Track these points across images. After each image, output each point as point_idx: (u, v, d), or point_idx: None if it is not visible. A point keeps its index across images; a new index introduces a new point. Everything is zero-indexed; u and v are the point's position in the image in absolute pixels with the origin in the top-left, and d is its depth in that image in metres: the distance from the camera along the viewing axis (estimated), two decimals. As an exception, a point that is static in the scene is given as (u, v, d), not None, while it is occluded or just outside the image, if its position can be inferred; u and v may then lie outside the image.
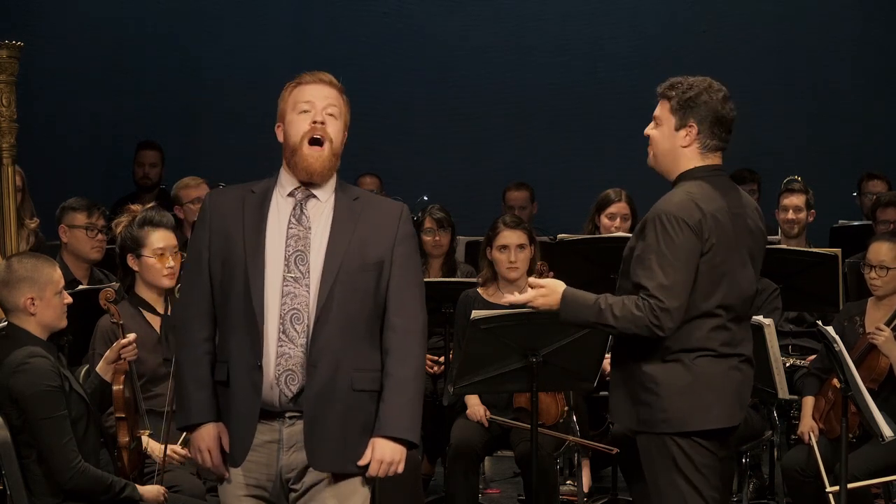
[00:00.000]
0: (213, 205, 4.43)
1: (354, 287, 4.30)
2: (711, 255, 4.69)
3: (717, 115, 4.78)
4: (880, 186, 9.50)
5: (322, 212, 4.36)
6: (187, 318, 4.40)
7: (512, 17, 11.18)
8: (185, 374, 4.38)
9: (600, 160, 10.77)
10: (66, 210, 7.06)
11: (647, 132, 4.87)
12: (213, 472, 4.45)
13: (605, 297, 4.73)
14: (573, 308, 4.76)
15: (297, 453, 4.32)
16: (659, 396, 4.70)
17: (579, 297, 4.77)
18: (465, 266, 8.30)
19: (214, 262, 4.36)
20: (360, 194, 4.46)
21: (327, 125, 4.35)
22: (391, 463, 4.33)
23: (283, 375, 4.27)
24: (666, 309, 4.60)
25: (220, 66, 10.95)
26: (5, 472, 5.19)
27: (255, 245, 4.31)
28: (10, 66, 6.06)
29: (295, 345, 4.27)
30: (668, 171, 4.86)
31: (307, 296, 4.28)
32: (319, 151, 4.34)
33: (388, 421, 4.31)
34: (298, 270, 4.29)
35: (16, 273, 5.30)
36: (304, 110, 4.36)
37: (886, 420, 5.82)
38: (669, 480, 4.73)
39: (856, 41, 11.08)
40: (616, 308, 4.66)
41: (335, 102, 4.39)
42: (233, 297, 4.31)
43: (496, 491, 8.04)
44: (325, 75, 4.44)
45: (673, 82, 4.84)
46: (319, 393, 4.26)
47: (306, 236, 4.32)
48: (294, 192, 4.38)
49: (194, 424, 4.37)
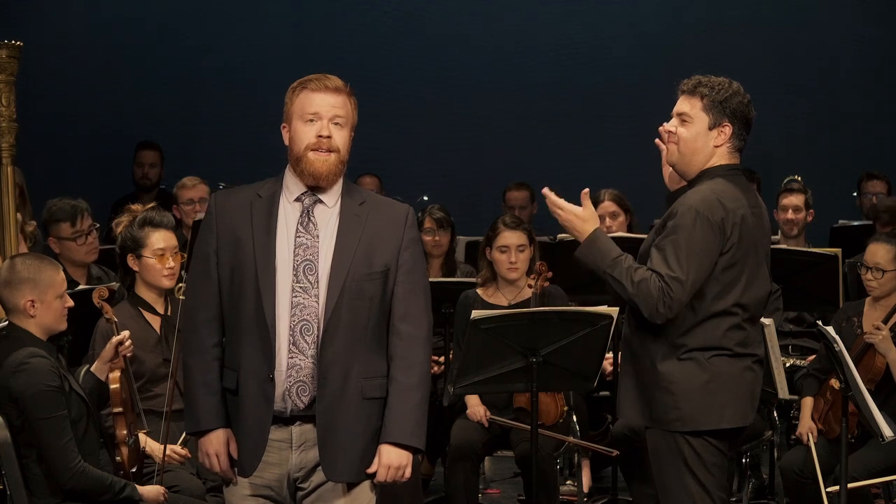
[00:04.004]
0: (220, 208, 4.38)
1: (361, 295, 4.29)
2: (731, 254, 4.68)
3: (745, 116, 4.80)
4: (880, 186, 9.51)
5: (329, 218, 4.33)
6: (196, 323, 4.37)
7: (512, 17, 11.18)
8: (194, 380, 4.36)
9: (601, 160, 10.77)
10: (50, 223, 6.95)
11: (670, 129, 4.82)
12: (220, 477, 4.45)
13: (629, 256, 4.72)
14: (595, 249, 4.74)
15: (305, 452, 4.32)
16: (673, 395, 4.68)
17: (605, 244, 4.74)
18: (465, 266, 8.30)
19: (223, 268, 4.33)
20: (366, 197, 4.42)
21: (333, 136, 4.32)
22: (398, 468, 4.33)
23: (295, 387, 4.27)
24: (674, 299, 4.60)
25: (220, 66, 10.95)
26: (5, 472, 5.19)
27: (266, 254, 4.28)
28: (10, 66, 6.05)
29: (305, 356, 4.27)
30: (690, 170, 4.83)
31: (316, 306, 4.27)
32: (326, 156, 4.31)
33: (394, 427, 4.31)
34: (307, 280, 4.27)
35: (18, 274, 5.29)
36: (311, 120, 4.33)
37: (886, 420, 5.82)
38: (679, 479, 4.72)
39: (856, 41, 11.08)
40: (638, 275, 4.64)
41: (341, 111, 4.34)
42: (243, 305, 4.29)
43: (496, 491, 8.03)
44: (332, 80, 4.37)
45: (700, 80, 4.82)
46: (331, 403, 4.26)
47: (314, 245, 4.30)
48: (301, 198, 4.35)
49: (203, 430, 4.37)
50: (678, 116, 4.83)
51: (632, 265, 4.69)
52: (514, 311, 6.30)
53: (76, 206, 6.99)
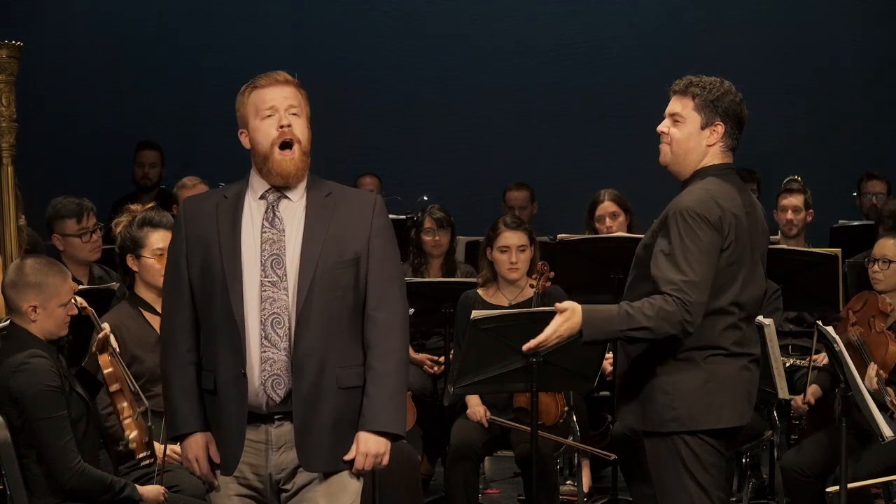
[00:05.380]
0: (188, 212, 4.43)
1: (333, 284, 4.30)
2: (729, 253, 4.67)
3: (738, 115, 4.80)
4: (880, 186, 9.52)
5: (295, 212, 4.36)
6: (171, 328, 4.41)
7: (512, 17, 11.18)
8: (171, 385, 4.40)
9: (601, 160, 10.78)
10: (55, 219, 6.99)
11: (663, 130, 4.83)
12: (203, 480, 4.47)
13: (625, 304, 4.66)
14: (597, 324, 4.67)
15: (286, 453, 4.33)
16: (669, 395, 4.68)
17: (600, 312, 4.69)
18: (465, 266, 8.30)
19: (193, 271, 4.36)
20: (332, 189, 4.43)
21: (293, 126, 4.36)
22: (376, 455, 4.33)
23: (270, 380, 4.28)
24: (694, 303, 4.56)
25: (220, 66, 10.94)
26: (5, 472, 5.19)
27: (232, 252, 4.31)
28: (10, 66, 6.05)
29: (278, 349, 4.28)
30: (684, 170, 4.82)
31: (286, 299, 4.28)
32: (291, 155, 4.34)
33: (371, 415, 4.32)
34: (276, 274, 4.29)
35: (25, 277, 5.28)
36: (268, 115, 4.37)
37: (886, 420, 5.83)
38: (677, 479, 4.71)
39: (856, 41, 11.09)
40: (646, 309, 4.58)
41: (294, 101, 4.39)
42: (213, 305, 4.32)
43: (496, 491, 8.04)
44: (280, 74, 4.46)
45: (691, 80, 4.82)
46: (307, 395, 4.27)
47: (280, 239, 4.32)
48: (265, 195, 4.38)
49: (182, 435, 4.40)
50: (670, 117, 4.83)
51: (633, 307, 4.61)
52: (515, 312, 6.31)
53: (82, 203, 7.07)
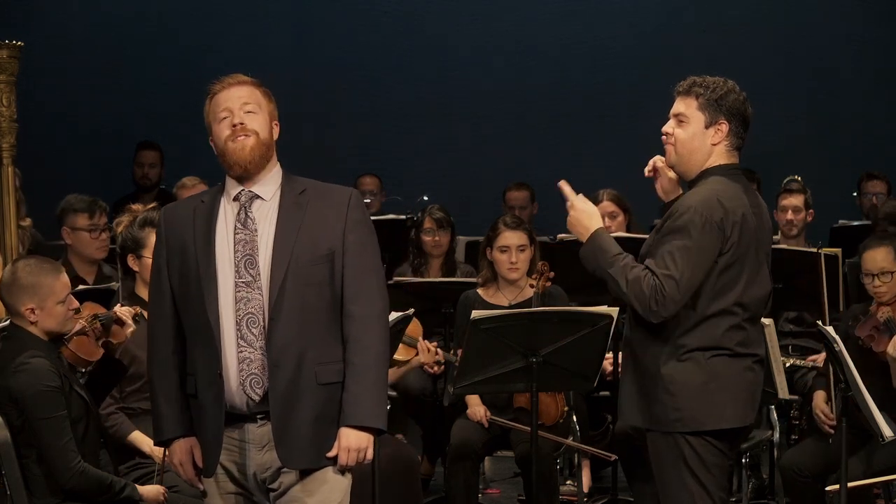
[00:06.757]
0: (167, 219, 4.47)
1: (308, 281, 4.30)
2: (731, 254, 4.68)
3: (742, 114, 4.80)
4: (880, 186, 9.51)
5: (267, 212, 4.37)
6: (154, 334, 4.45)
7: (512, 17, 11.18)
8: (154, 390, 4.44)
9: (601, 160, 10.77)
10: (67, 212, 7.03)
11: (668, 130, 4.84)
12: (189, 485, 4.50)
13: (627, 255, 4.73)
14: (596, 246, 4.76)
15: (269, 453, 4.34)
16: (673, 395, 4.68)
17: (606, 242, 4.76)
18: (465, 266, 8.30)
19: (173, 277, 4.40)
20: (307, 185, 4.43)
21: (246, 122, 4.38)
22: (358, 450, 4.32)
23: (248, 380, 4.29)
24: (667, 298, 4.60)
25: (220, 66, 10.82)
26: (5, 472, 5.19)
27: (206, 255, 4.33)
28: (10, 66, 6.06)
29: (254, 348, 4.29)
30: (690, 170, 4.84)
31: (261, 298, 4.29)
32: (243, 140, 4.36)
33: (351, 410, 4.31)
34: (249, 274, 4.30)
35: (19, 280, 5.28)
36: (224, 117, 4.41)
37: (886, 420, 5.82)
38: (679, 479, 4.72)
39: (856, 41, 11.09)
40: (633, 273, 4.66)
41: (250, 99, 4.43)
42: (191, 309, 4.34)
43: (496, 491, 8.03)
44: (236, 76, 4.51)
45: (695, 80, 4.83)
46: (285, 393, 4.28)
47: (253, 239, 4.33)
48: (238, 196, 4.39)
49: (167, 440, 4.43)
50: (675, 118, 4.84)
51: (628, 263, 4.70)
52: (514, 312, 6.30)
53: (96, 201, 7.15)
